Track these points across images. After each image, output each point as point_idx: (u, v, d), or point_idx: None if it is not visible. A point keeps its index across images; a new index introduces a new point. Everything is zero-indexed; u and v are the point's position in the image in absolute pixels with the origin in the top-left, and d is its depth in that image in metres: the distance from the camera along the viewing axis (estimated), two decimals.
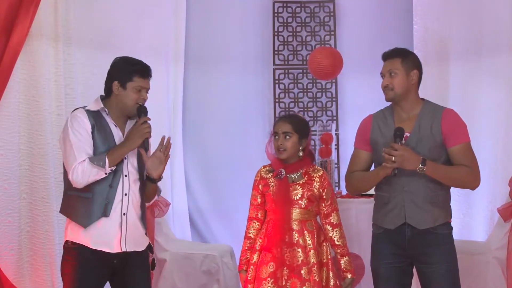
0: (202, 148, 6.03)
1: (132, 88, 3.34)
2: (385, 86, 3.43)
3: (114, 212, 3.31)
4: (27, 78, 4.58)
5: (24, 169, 4.58)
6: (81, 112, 3.33)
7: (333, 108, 6.10)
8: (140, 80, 3.34)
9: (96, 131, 3.30)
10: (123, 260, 3.35)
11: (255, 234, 3.69)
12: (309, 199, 3.62)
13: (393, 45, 5.82)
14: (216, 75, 6.04)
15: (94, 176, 3.25)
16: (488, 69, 5.27)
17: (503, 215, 4.75)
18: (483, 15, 5.28)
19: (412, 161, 3.25)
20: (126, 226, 3.34)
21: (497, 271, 4.76)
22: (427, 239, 3.34)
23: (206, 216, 6.01)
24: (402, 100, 3.42)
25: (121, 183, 3.33)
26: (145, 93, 3.36)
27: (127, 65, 3.37)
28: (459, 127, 3.37)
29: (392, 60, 3.43)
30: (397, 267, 3.43)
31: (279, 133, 3.64)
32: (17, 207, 4.54)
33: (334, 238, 3.67)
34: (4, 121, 4.49)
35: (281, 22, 6.14)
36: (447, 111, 3.41)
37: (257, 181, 3.71)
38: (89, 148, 3.27)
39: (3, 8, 4.25)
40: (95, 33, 5.00)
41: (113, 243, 3.31)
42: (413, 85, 3.42)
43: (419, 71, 3.45)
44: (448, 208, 3.44)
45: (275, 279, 3.56)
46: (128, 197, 3.34)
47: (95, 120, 3.31)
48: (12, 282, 4.45)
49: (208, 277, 5.07)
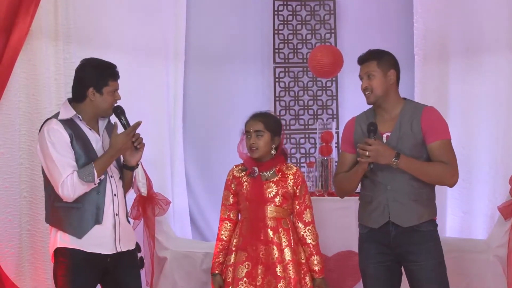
0: (203, 146, 6.03)
1: (108, 92, 3.36)
2: (364, 88, 3.46)
3: (106, 216, 3.33)
4: (27, 77, 4.57)
5: (24, 168, 4.58)
6: (56, 123, 3.31)
7: (333, 106, 6.10)
8: (114, 83, 3.37)
9: (75, 140, 3.30)
10: (116, 260, 3.37)
11: (228, 235, 3.68)
12: (283, 196, 3.61)
13: (393, 44, 5.90)
14: (216, 73, 6.04)
15: (85, 189, 3.27)
16: (488, 68, 5.27)
17: (504, 213, 4.76)
18: (483, 14, 5.28)
19: (386, 155, 3.28)
20: (120, 226, 3.36)
21: (498, 269, 4.76)
22: (411, 237, 3.36)
23: (207, 215, 6.01)
24: (383, 101, 3.45)
25: (109, 185, 3.35)
26: (118, 93, 3.39)
27: (99, 70, 3.36)
28: (438, 124, 3.39)
29: (368, 63, 3.47)
30: (384, 266, 3.44)
31: (251, 131, 3.64)
32: (17, 206, 4.54)
33: (306, 237, 3.66)
34: (5, 120, 4.49)
35: (282, 20, 6.13)
36: (427, 109, 3.44)
37: (230, 181, 3.71)
38: (72, 160, 3.28)
39: (3, 7, 4.25)
40: (95, 32, 5.00)
41: (109, 244, 3.34)
42: (392, 85, 3.47)
43: (396, 70, 3.50)
44: (432, 206, 3.45)
45: (251, 278, 3.54)
46: (117, 197, 3.37)
47: (71, 129, 3.31)
48: (12, 281, 4.45)
49: (208, 275, 5.04)
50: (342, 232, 4.96)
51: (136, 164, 3.44)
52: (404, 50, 5.83)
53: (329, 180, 5.32)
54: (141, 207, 4.82)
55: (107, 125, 3.50)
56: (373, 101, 3.45)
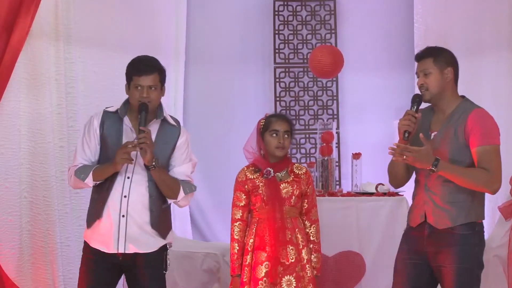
0: (203, 146, 6.01)
1: (133, 87, 3.37)
2: (420, 85, 3.37)
3: (109, 214, 3.34)
4: (28, 77, 4.57)
5: (25, 168, 4.58)
6: (97, 114, 3.46)
7: (333, 106, 6.10)
8: (136, 78, 3.35)
9: (105, 133, 3.39)
10: (131, 261, 3.37)
11: (242, 236, 3.69)
12: (298, 196, 3.65)
13: (393, 44, 5.97)
14: (216, 73, 6.03)
15: (79, 185, 3.42)
16: (489, 68, 5.27)
17: (504, 214, 4.76)
18: (483, 13, 5.27)
19: (424, 161, 3.20)
20: (126, 228, 3.34)
21: (498, 269, 4.76)
22: (444, 239, 3.27)
23: (207, 215, 6.01)
24: (438, 99, 3.36)
25: (120, 186, 3.34)
26: (144, 91, 3.34)
27: (129, 65, 3.42)
28: (483, 128, 3.26)
29: (424, 61, 3.37)
30: (413, 263, 3.37)
31: (279, 131, 3.65)
32: (18, 206, 4.53)
33: (311, 234, 3.70)
34: (5, 120, 4.48)
35: (282, 21, 6.13)
36: (476, 111, 3.32)
37: (243, 182, 3.72)
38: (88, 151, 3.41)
39: (4, 7, 4.25)
40: (96, 31, 4.99)
41: (109, 243, 3.35)
42: (448, 83, 3.35)
43: (454, 68, 3.37)
44: (471, 208, 3.31)
45: (271, 278, 3.57)
46: (128, 199, 3.34)
47: (108, 120, 3.40)
48: (13, 281, 4.45)
49: (209, 275, 5.07)
50: (342, 232, 4.96)
51: (151, 164, 3.30)
52: (404, 50, 5.85)
53: (330, 180, 5.32)
54: None
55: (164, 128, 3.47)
56: (428, 98, 3.36)
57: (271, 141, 3.66)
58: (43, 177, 4.62)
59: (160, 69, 3.42)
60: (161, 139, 3.43)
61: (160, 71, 3.42)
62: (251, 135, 3.79)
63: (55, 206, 4.63)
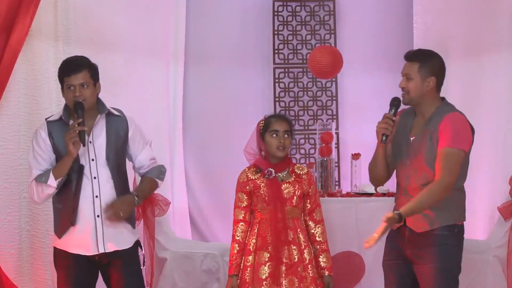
0: (202, 146, 6.03)
1: (66, 89, 3.39)
2: (401, 88, 3.40)
3: (83, 217, 3.36)
4: (27, 77, 4.57)
5: (24, 168, 4.56)
6: (42, 126, 3.44)
7: (333, 107, 6.10)
8: (67, 79, 3.38)
9: (56, 141, 3.38)
10: (107, 258, 3.40)
11: (243, 237, 3.70)
12: (299, 196, 3.65)
13: (393, 44, 5.96)
14: (216, 74, 6.03)
15: (43, 192, 3.37)
16: (489, 68, 5.27)
17: (504, 214, 4.76)
18: (483, 13, 5.28)
19: (390, 224, 3.21)
20: (102, 228, 3.37)
21: (498, 269, 4.77)
22: (424, 239, 3.31)
23: (207, 215, 6.01)
24: (417, 104, 3.39)
25: (90, 187, 3.36)
26: (77, 89, 3.35)
27: (58, 69, 3.45)
28: (455, 131, 3.28)
29: (410, 64, 3.40)
30: (395, 264, 3.42)
31: (279, 131, 3.65)
32: (17, 206, 4.53)
33: (316, 234, 3.71)
34: (4, 120, 4.48)
35: (281, 21, 6.13)
36: (452, 114, 3.34)
37: (244, 183, 3.73)
38: (44, 164, 3.39)
39: (3, 7, 4.24)
40: (95, 32, 4.99)
41: (89, 246, 3.38)
42: (429, 91, 3.37)
43: (438, 77, 3.39)
44: (449, 211, 3.33)
45: (274, 278, 3.57)
46: (99, 199, 3.36)
47: (55, 129, 3.39)
48: (12, 281, 4.45)
49: (208, 276, 5.07)
50: (342, 233, 4.96)
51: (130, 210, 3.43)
52: (404, 50, 5.79)
53: (329, 181, 5.32)
54: (140, 208, 4.82)
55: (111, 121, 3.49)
56: (407, 102, 3.39)
57: (272, 142, 3.66)
58: None
59: (89, 66, 3.43)
60: (112, 132, 3.46)
61: (89, 68, 3.42)
62: (251, 136, 3.80)
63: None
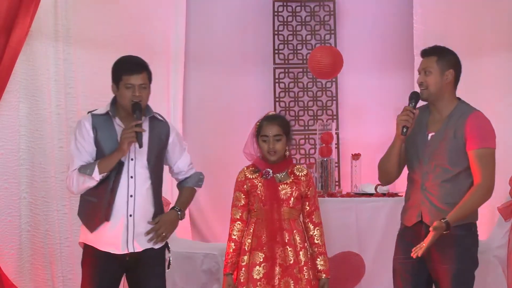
0: (202, 147, 6.02)
1: (123, 87, 3.37)
2: (420, 83, 3.39)
3: (117, 215, 3.36)
4: (27, 77, 4.57)
5: (24, 169, 4.58)
6: (86, 118, 3.42)
7: (333, 107, 6.10)
8: (127, 78, 3.36)
9: (99, 136, 3.37)
10: (136, 258, 3.40)
11: (240, 236, 3.68)
12: (297, 198, 3.63)
13: (392, 45, 5.97)
14: (216, 74, 6.04)
15: (84, 183, 3.34)
16: (488, 68, 5.27)
17: (504, 214, 4.76)
18: (483, 13, 5.28)
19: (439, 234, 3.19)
20: (134, 227, 3.38)
21: (498, 270, 4.77)
22: (441, 239, 3.24)
23: (207, 215, 6.01)
24: (436, 99, 3.38)
25: (126, 185, 3.36)
26: (136, 90, 3.36)
27: (116, 65, 3.43)
28: (481, 131, 3.30)
29: (428, 58, 3.38)
30: (409, 263, 3.37)
31: (269, 136, 3.63)
32: (17, 207, 4.53)
33: (314, 236, 3.68)
34: (4, 121, 4.49)
35: (281, 21, 6.13)
36: (474, 114, 3.34)
37: (242, 182, 3.71)
38: (86, 156, 3.37)
39: (3, 8, 4.24)
40: (95, 32, 4.99)
41: (119, 244, 3.38)
42: (447, 85, 3.36)
43: (456, 71, 3.39)
44: None
45: (269, 279, 3.56)
46: (134, 199, 3.37)
47: (99, 123, 3.38)
48: (12, 282, 4.45)
49: (208, 276, 5.07)
50: (342, 233, 4.96)
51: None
52: (404, 50, 5.85)
53: (329, 181, 5.33)
54: None
55: (154, 124, 3.51)
56: (426, 97, 3.38)
57: (263, 146, 3.65)
58: (43, 178, 4.62)
59: (148, 68, 3.45)
60: (155, 136, 3.49)
61: (148, 70, 3.45)
62: (248, 137, 3.79)
63: (55, 206, 4.63)
